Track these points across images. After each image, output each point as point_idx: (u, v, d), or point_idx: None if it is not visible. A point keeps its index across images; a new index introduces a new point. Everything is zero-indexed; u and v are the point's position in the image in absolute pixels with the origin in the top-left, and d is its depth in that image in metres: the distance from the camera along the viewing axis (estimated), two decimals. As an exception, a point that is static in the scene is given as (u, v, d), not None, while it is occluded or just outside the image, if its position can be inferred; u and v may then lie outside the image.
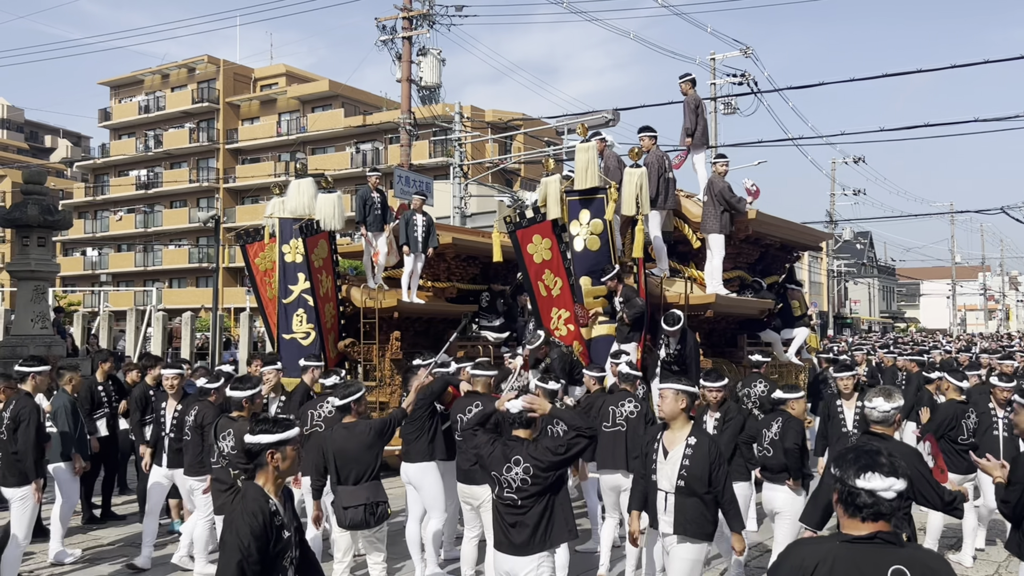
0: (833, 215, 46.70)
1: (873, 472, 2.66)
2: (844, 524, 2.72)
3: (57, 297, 31.72)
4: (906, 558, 2.63)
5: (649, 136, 10.44)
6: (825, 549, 2.67)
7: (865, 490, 2.65)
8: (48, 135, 75.67)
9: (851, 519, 2.69)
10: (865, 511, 2.66)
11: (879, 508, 2.65)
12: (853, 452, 2.77)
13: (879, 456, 2.72)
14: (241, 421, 6.21)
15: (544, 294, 9.93)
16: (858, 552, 2.63)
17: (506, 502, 4.76)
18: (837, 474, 2.74)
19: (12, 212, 13.74)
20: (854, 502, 2.67)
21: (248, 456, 3.69)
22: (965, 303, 77.60)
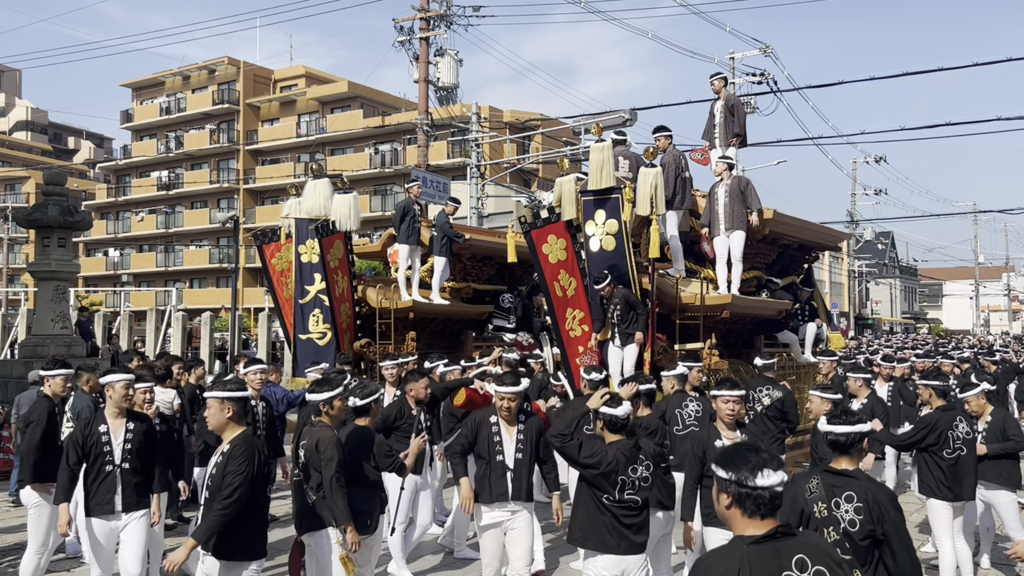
0: (854, 215, 46.36)
1: (766, 469, 2.71)
2: (741, 525, 2.73)
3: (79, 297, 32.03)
4: (804, 546, 2.73)
5: (665, 136, 10.40)
6: (737, 556, 2.67)
7: (763, 487, 2.69)
8: (71, 137, 76.49)
9: (750, 519, 2.71)
10: (764, 508, 2.70)
11: (775, 503, 2.72)
12: (739, 453, 2.78)
13: (763, 452, 2.78)
14: (320, 427, 5.41)
15: (560, 294, 9.91)
16: (766, 551, 2.68)
17: (625, 504, 4.88)
18: (729, 476, 2.74)
19: (33, 213, 13.89)
20: (756, 502, 2.70)
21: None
22: (989, 304, 76.77)
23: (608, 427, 5.03)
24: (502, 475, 5.64)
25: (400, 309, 11.64)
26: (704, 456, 5.44)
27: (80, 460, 5.61)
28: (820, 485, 4.06)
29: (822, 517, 4.00)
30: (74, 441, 5.63)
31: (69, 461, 5.60)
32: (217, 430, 4.90)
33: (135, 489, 5.70)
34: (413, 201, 11.97)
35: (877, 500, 3.96)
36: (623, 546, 4.88)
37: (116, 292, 41.89)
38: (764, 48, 28.57)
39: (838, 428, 4.16)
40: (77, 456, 5.60)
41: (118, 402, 5.76)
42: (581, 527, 5.03)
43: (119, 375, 5.83)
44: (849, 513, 3.96)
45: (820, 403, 6.48)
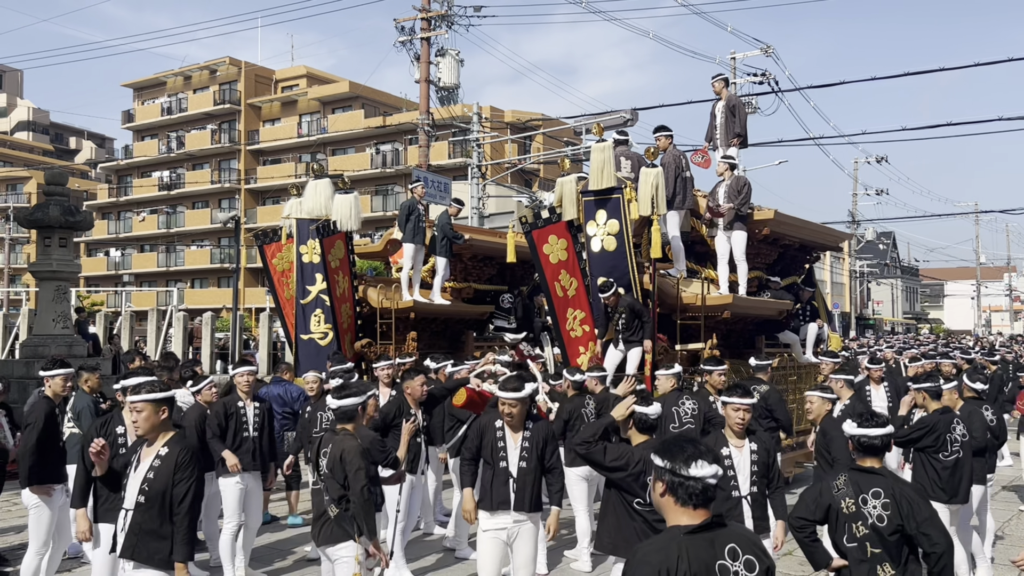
0: (856, 215, 46.34)
1: (700, 460, 2.82)
2: (674, 514, 2.84)
3: (80, 297, 32.06)
4: (734, 536, 2.86)
5: (665, 136, 10.40)
6: (676, 545, 2.77)
7: (695, 477, 2.80)
8: (73, 137, 76.52)
9: (683, 508, 2.83)
10: (696, 498, 2.82)
11: (707, 494, 2.83)
12: (676, 443, 2.91)
13: (699, 444, 2.90)
14: (345, 436, 5.23)
15: (560, 295, 9.91)
16: (701, 540, 2.79)
17: (652, 507, 4.70)
18: (664, 465, 2.86)
19: (34, 213, 13.89)
20: (688, 491, 2.82)
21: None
22: (990, 304, 76.70)
23: (638, 427, 4.99)
24: (504, 482, 5.43)
25: (401, 309, 11.64)
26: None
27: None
28: (848, 483, 4.24)
29: (849, 513, 4.18)
30: (89, 441, 5.39)
31: (86, 463, 5.30)
32: (150, 434, 4.57)
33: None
34: (417, 201, 11.98)
35: (905, 495, 4.15)
36: None
37: (117, 292, 41.89)
38: (765, 48, 28.58)
39: (872, 431, 4.32)
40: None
41: None
42: (610, 534, 4.95)
43: (141, 379, 5.52)
44: (877, 509, 4.13)
45: (821, 403, 6.47)
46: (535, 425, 5.51)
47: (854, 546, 4.16)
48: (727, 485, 5.17)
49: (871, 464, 4.30)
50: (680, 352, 10.12)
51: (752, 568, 2.83)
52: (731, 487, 5.18)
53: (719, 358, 8.06)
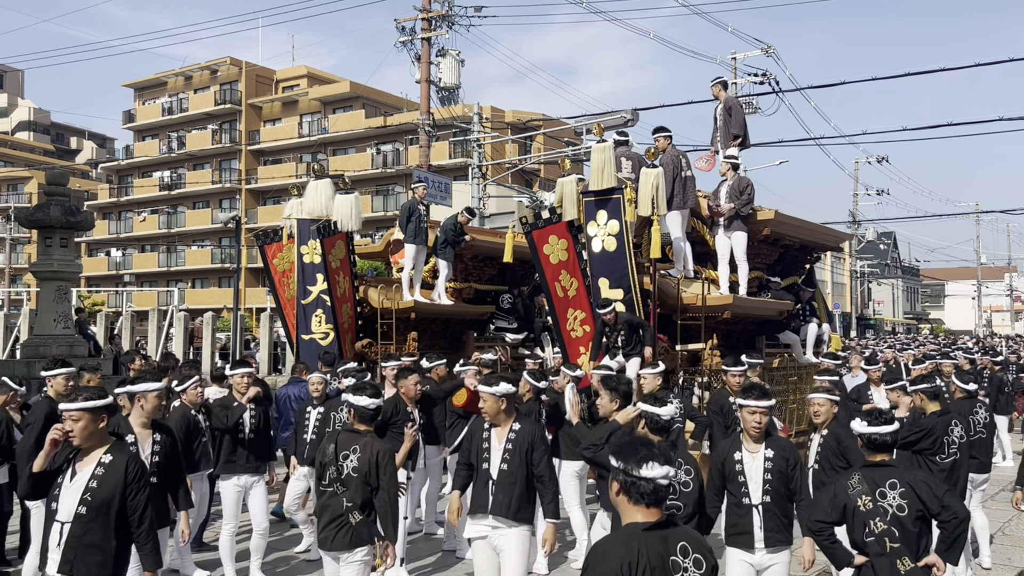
0: (856, 215, 46.34)
1: (651, 462, 2.95)
2: (629, 512, 2.97)
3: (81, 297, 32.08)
4: (684, 535, 3.04)
5: (664, 136, 10.39)
6: (636, 540, 2.92)
7: (646, 477, 2.93)
8: (73, 137, 76.56)
9: (636, 506, 2.97)
10: (648, 498, 2.95)
11: (659, 494, 2.96)
12: (631, 445, 3.04)
13: (653, 447, 3.03)
14: (373, 438, 5.11)
15: (561, 295, 9.91)
16: (657, 537, 2.94)
17: (668, 512, 4.58)
18: (618, 465, 3.00)
19: (35, 213, 13.90)
20: (639, 490, 2.95)
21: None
22: (991, 304, 76.65)
23: (650, 428, 4.91)
24: (484, 485, 5.22)
25: (402, 309, 11.65)
26: (723, 469, 5.05)
27: None
28: (861, 480, 4.36)
29: (867, 510, 4.29)
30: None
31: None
32: (89, 443, 4.27)
33: (160, 505, 5.31)
34: (418, 201, 11.99)
35: (919, 479, 4.35)
36: None
37: (118, 292, 41.90)
38: (766, 48, 28.57)
39: (883, 429, 4.46)
40: None
41: (149, 413, 5.35)
42: None
43: (151, 384, 5.38)
44: (896, 499, 4.27)
45: (829, 406, 6.34)
46: (521, 427, 5.26)
47: (872, 540, 4.25)
48: (738, 492, 4.95)
49: (882, 458, 4.44)
50: (680, 352, 10.12)
51: (700, 566, 2.98)
52: (741, 494, 4.95)
53: (738, 358, 8.01)
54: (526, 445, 5.18)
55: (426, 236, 11.94)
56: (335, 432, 5.35)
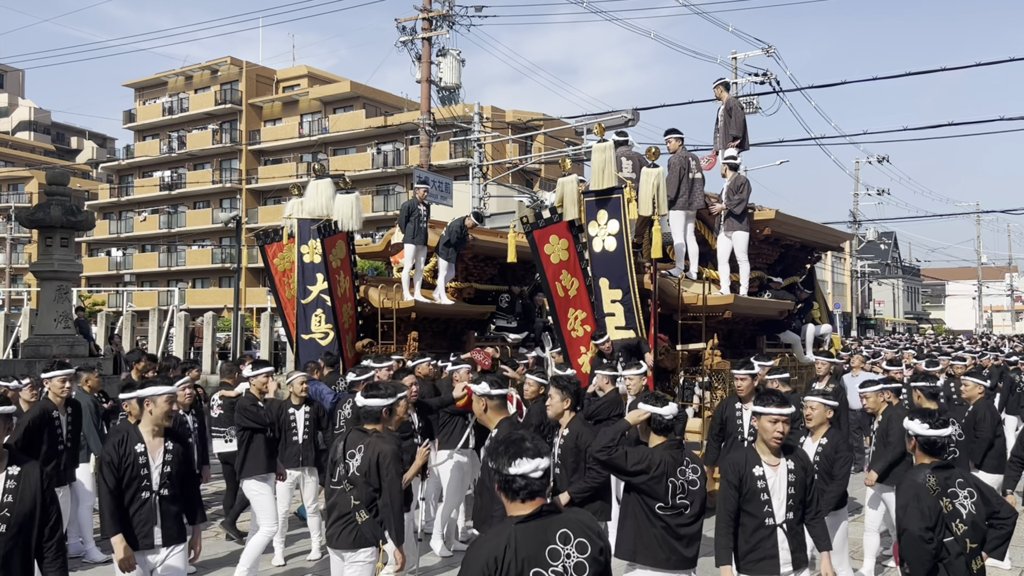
0: (857, 215, 46.33)
1: (521, 458, 2.97)
2: (511, 508, 3.02)
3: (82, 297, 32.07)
4: (567, 521, 3.05)
5: (675, 138, 10.44)
6: (506, 535, 2.96)
7: (517, 474, 2.96)
8: (74, 137, 76.57)
9: (513, 502, 3.01)
10: (522, 493, 2.98)
11: (532, 488, 2.98)
12: (503, 443, 3.06)
13: (524, 442, 3.04)
14: (378, 438, 5.09)
15: (561, 295, 9.91)
16: (533, 527, 2.98)
17: (678, 510, 4.59)
18: (493, 466, 3.04)
19: (36, 213, 13.89)
20: (512, 487, 2.99)
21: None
22: (991, 304, 76.66)
23: (654, 428, 4.80)
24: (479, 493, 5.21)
25: (402, 309, 11.64)
26: (740, 485, 4.60)
27: (119, 483, 4.82)
28: (937, 482, 4.33)
29: (948, 512, 4.28)
30: (109, 463, 4.83)
31: (109, 485, 4.81)
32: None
33: (175, 519, 5.03)
34: (418, 202, 11.98)
35: (977, 481, 4.42)
36: (673, 560, 4.59)
37: (119, 292, 41.89)
38: (767, 48, 28.56)
39: (943, 432, 4.48)
40: (116, 478, 4.81)
41: (159, 419, 4.99)
42: (630, 540, 4.73)
43: (161, 388, 5.02)
44: (967, 500, 4.31)
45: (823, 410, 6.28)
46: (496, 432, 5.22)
47: (952, 541, 4.24)
48: (760, 512, 4.57)
49: (932, 460, 4.46)
50: (681, 352, 10.12)
51: (584, 549, 3.00)
52: (764, 514, 4.56)
53: (747, 361, 7.66)
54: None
55: (425, 236, 11.93)
56: (346, 430, 5.36)
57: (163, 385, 5.05)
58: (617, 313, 9.45)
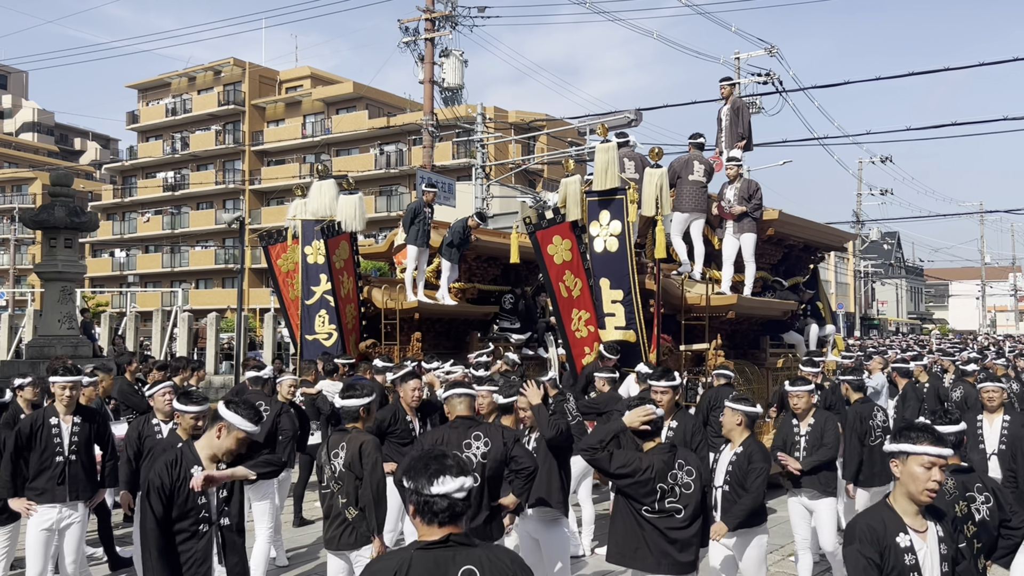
0: (860, 215, 46.30)
1: (444, 476, 2.69)
2: (421, 532, 2.73)
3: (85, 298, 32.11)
4: (476, 557, 2.68)
5: (696, 144, 10.63)
6: (400, 559, 2.69)
7: (440, 495, 2.68)
8: (77, 138, 76.66)
9: (429, 526, 2.71)
10: (442, 516, 2.68)
11: (455, 510, 2.70)
12: (421, 461, 2.77)
13: (446, 459, 2.76)
14: (357, 432, 5.17)
15: (565, 295, 9.91)
16: (431, 556, 2.66)
17: (667, 514, 4.50)
18: (410, 487, 2.74)
19: (40, 214, 13.94)
20: (431, 509, 2.69)
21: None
22: (995, 304, 76.51)
23: (636, 433, 4.65)
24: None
25: (405, 310, 11.65)
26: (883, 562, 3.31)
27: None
28: (955, 486, 4.18)
29: (962, 515, 4.17)
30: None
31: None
32: None
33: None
34: (424, 204, 11.99)
35: (994, 485, 4.33)
36: (664, 564, 4.48)
37: (122, 293, 41.92)
38: (769, 48, 28.52)
39: (949, 428, 4.30)
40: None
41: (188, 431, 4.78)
42: (619, 544, 4.66)
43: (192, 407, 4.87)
44: (983, 504, 4.22)
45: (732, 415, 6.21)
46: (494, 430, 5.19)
47: (964, 546, 4.16)
48: None
49: (954, 462, 4.26)
50: (685, 352, 10.12)
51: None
52: None
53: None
54: (499, 453, 5.07)
55: (428, 238, 11.95)
56: (327, 435, 5.47)
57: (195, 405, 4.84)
58: (618, 313, 9.46)
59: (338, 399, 5.32)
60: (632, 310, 9.35)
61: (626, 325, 9.38)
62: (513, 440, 5.08)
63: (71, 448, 5.96)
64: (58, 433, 5.99)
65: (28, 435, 5.89)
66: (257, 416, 4.25)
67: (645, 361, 8.89)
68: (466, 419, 5.13)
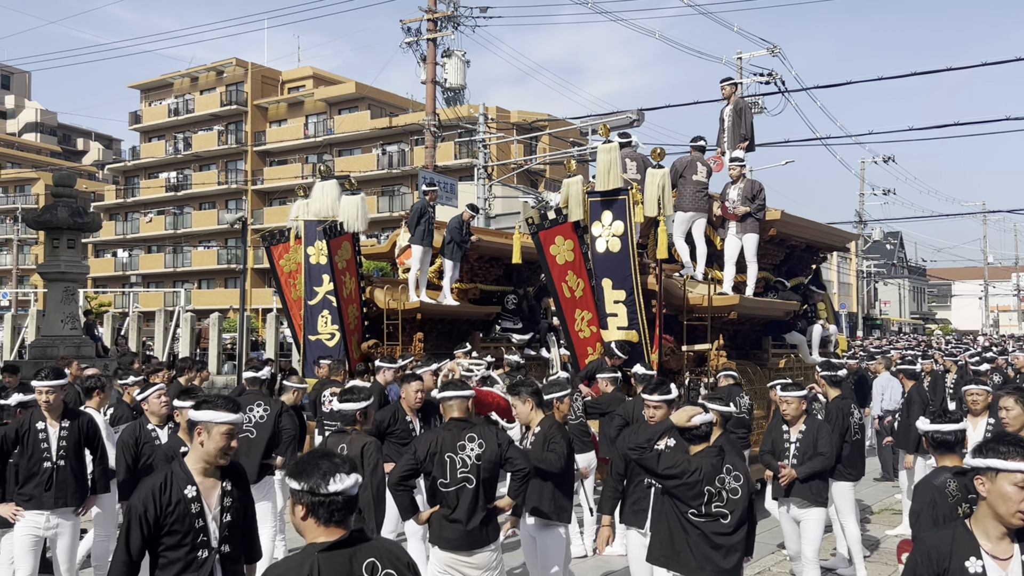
0: (862, 215, 46.24)
1: (338, 473, 2.69)
2: (313, 533, 2.72)
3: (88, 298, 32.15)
4: (375, 550, 2.75)
5: (696, 146, 10.63)
6: (308, 564, 2.67)
7: (335, 492, 2.68)
8: (80, 138, 76.77)
9: (324, 527, 2.70)
10: (338, 514, 2.69)
11: (350, 507, 2.72)
12: (309, 462, 2.76)
13: (335, 458, 2.76)
14: (357, 434, 5.25)
15: (568, 296, 9.91)
16: (338, 557, 2.68)
17: (713, 518, 4.46)
18: (302, 487, 2.71)
19: (43, 215, 13.96)
20: (329, 508, 2.68)
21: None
22: (998, 304, 76.40)
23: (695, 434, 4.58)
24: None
25: (408, 310, 11.65)
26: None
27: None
28: (958, 487, 4.07)
29: (965, 516, 4.07)
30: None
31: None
32: None
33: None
34: (428, 204, 11.99)
35: None
36: (708, 570, 4.45)
37: (125, 293, 41.99)
38: (772, 48, 28.50)
39: (945, 427, 4.27)
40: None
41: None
42: (662, 545, 4.63)
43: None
44: None
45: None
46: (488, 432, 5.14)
47: None
48: None
49: (955, 463, 4.21)
50: (687, 353, 10.12)
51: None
52: None
53: (798, 383, 7.00)
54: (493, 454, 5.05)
55: (433, 237, 11.95)
56: (324, 438, 5.48)
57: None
58: (620, 314, 9.46)
59: (335, 402, 5.39)
60: (634, 310, 9.35)
61: (628, 325, 9.37)
62: (508, 442, 5.05)
63: (59, 453, 5.83)
64: (45, 439, 5.84)
65: (14, 440, 5.81)
66: (232, 404, 3.81)
67: (644, 362, 8.90)
68: (460, 421, 5.06)
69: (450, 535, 4.83)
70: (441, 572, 4.92)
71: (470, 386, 5.59)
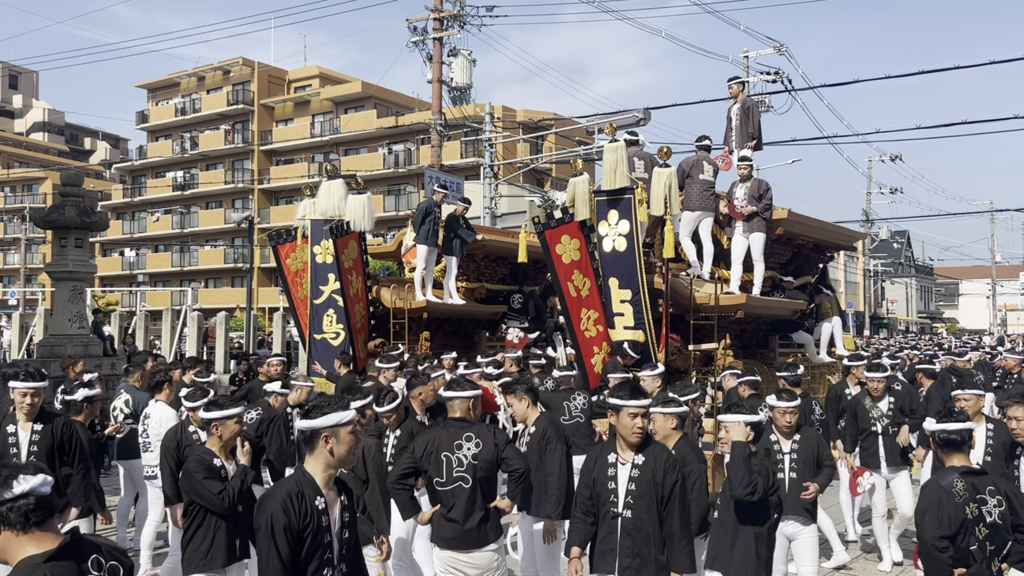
0: (869, 214, 46.10)
1: (21, 475, 2.50)
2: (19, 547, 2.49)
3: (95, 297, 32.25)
4: (93, 546, 2.59)
5: (702, 146, 10.61)
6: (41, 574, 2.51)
7: (24, 494, 2.48)
8: (87, 137, 76.97)
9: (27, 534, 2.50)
10: (35, 516, 2.49)
11: (49, 507, 2.53)
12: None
13: (12, 463, 2.64)
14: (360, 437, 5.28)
15: (574, 295, 9.90)
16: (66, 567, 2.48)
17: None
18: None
19: (50, 214, 13.99)
20: (21, 512, 2.48)
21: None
22: (1006, 303, 76.13)
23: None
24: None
25: (414, 309, 11.67)
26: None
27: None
28: (965, 487, 4.14)
29: (973, 517, 4.13)
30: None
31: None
32: None
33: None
34: (435, 204, 11.99)
35: (1011, 490, 4.29)
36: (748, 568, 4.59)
37: (132, 292, 42.10)
38: (778, 47, 28.43)
39: (951, 426, 4.29)
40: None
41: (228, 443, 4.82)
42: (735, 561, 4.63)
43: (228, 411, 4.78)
44: (995, 508, 4.16)
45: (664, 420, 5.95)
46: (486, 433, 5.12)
47: (975, 548, 4.13)
48: None
49: (963, 463, 4.25)
50: (693, 352, 10.11)
51: (116, 572, 2.55)
52: None
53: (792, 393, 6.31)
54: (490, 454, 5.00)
55: (438, 237, 11.97)
56: None
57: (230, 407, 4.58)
58: (626, 313, 9.45)
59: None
60: (641, 310, 9.34)
61: (635, 325, 9.37)
62: (504, 441, 5.02)
63: (28, 459, 5.36)
64: (15, 443, 5.42)
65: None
66: (343, 402, 3.64)
67: (651, 362, 8.88)
68: (459, 420, 5.03)
69: (448, 534, 4.83)
70: (442, 571, 4.92)
71: (477, 385, 5.58)
